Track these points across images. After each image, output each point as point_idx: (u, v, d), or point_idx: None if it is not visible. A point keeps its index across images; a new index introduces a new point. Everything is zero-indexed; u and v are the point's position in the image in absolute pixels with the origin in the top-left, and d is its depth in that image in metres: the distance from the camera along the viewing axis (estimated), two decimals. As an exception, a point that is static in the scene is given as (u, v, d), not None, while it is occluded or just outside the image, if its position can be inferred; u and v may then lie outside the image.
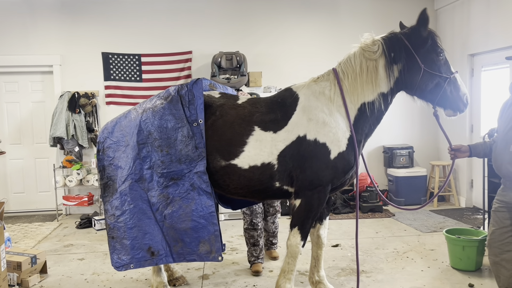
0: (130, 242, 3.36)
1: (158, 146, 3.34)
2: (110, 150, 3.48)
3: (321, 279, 3.73)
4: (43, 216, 7.16)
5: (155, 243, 3.36)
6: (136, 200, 3.36)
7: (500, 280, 3.21)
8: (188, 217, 3.29)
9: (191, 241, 3.32)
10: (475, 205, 6.95)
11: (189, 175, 3.31)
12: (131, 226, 3.35)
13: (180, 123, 3.32)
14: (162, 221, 3.36)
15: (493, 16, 6.21)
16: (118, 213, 3.38)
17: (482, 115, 6.69)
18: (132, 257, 3.37)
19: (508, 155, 3.03)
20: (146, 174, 3.35)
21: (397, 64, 3.25)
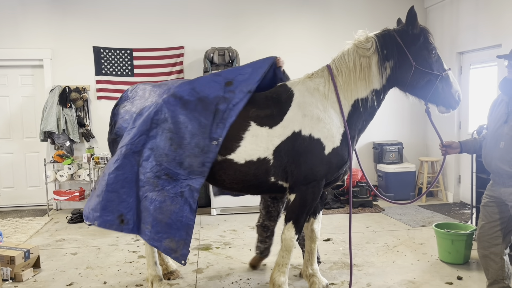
0: (104, 203, 3.35)
1: (169, 139, 3.32)
2: (125, 109, 3.62)
3: (314, 272, 3.80)
4: (34, 211, 7.12)
5: (128, 213, 3.35)
6: (126, 168, 3.35)
7: (489, 272, 3.31)
8: (167, 213, 3.28)
9: (160, 231, 3.28)
10: (462, 200, 7.09)
11: (183, 183, 3.31)
12: (110, 190, 3.34)
13: (201, 134, 3.28)
14: (142, 197, 3.35)
15: (481, 15, 6.33)
16: (106, 171, 3.42)
17: (470, 112, 6.82)
18: (100, 216, 3.36)
19: (498, 152, 3.10)
20: (146, 152, 3.34)
21: (389, 61, 3.30)
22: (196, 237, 5.50)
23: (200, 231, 5.75)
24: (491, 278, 3.30)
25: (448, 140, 3.55)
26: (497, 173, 3.14)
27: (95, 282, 4.16)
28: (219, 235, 5.53)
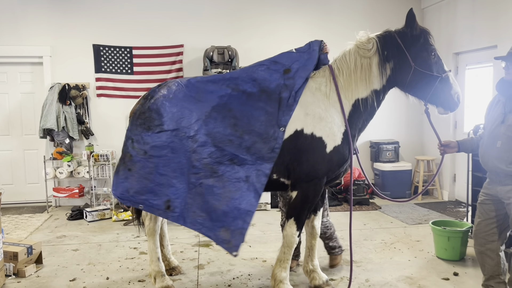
0: (153, 186, 3.28)
1: (234, 125, 3.30)
2: (169, 88, 3.46)
3: (314, 268, 3.87)
4: (33, 208, 7.14)
5: (175, 199, 3.28)
6: (180, 153, 3.29)
7: (485, 268, 3.40)
8: (225, 200, 3.21)
9: (216, 221, 3.22)
10: (457, 199, 7.20)
11: (249, 168, 3.26)
12: (161, 173, 3.28)
13: (269, 121, 3.29)
14: (194, 185, 3.27)
15: (478, 17, 6.43)
16: (152, 152, 3.30)
17: (465, 112, 6.93)
18: (146, 199, 3.30)
19: (495, 151, 3.18)
20: (201, 138, 3.29)
21: (389, 62, 3.35)
22: (196, 234, 5.56)
23: (199, 228, 5.81)
24: (487, 274, 3.39)
25: (448, 139, 3.62)
26: (494, 172, 3.23)
27: (98, 278, 4.22)
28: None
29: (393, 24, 4.14)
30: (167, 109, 3.37)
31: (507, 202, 3.16)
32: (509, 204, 3.14)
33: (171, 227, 5.78)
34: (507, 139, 3.09)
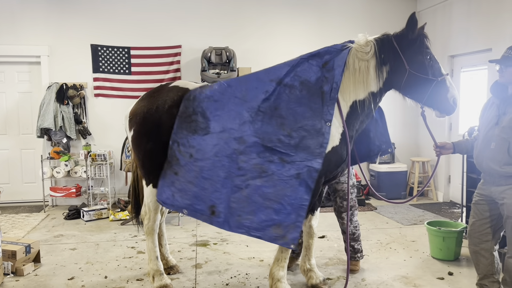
0: (197, 190, 3.27)
1: (281, 124, 3.28)
2: (213, 89, 3.41)
3: (312, 267, 3.92)
4: (29, 207, 7.14)
5: (219, 204, 3.25)
6: (225, 155, 3.27)
7: (479, 268, 3.46)
8: (277, 198, 3.20)
9: (266, 219, 3.20)
10: (452, 200, 7.28)
11: (299, 165, 3.23)
12: (206, 177, 3.27)
13: (314, 117, 3.27)
14: (239, 188, 3.24)
15: (473, 20, 6.51)
16: (198, 156, 3.29)
17: (460, 114, 7.00)
18: (191, 204, 3.30)
19: (489, 152, 3.23)
20: (250, 139, 3.26)
21: (385, 65, 3.37)
22: (193, 233, 5.60)
23: (197, 228, 5.85)
24: (481, 273, 3.45)
25: (443, 141, 3.67)
26: (488, 173, 3.28)
27: (96, 276, 4.24)
28: (216, 232, 5.63)
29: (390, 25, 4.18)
30: (213, 111, 3.35)
31: (500, 203, 3.22)
32: (502, 205, 3.20)
33: (169, 226, 5.82)
34: (501, 140, 3.14)
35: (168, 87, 3.76)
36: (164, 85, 3.84)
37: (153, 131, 3.61)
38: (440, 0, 7.24)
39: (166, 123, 3.56)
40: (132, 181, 4.26)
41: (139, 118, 3.67)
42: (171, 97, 3.61)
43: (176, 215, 6.27)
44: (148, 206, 3.83)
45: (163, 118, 3.57)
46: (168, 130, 3.56)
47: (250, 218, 3.22)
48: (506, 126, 3.12)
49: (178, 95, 3.61)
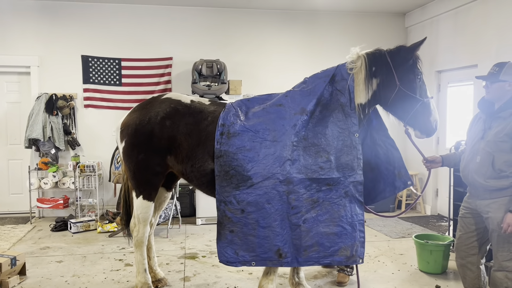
0: (259, 240, 3.29)
1: (317, 152, 3.31)
2: (241, 138, 3.36)
3: (300, 280, 3.92)
4: (15, 218, 7.04)
5: (284, 246, 3.29)
6: (276, 200, 3.28)
7: (466, 281, 3.49)
8: (334, 222, 3.27)
9: (332, 245, 3.28)
10: (439, 213, 7.35)
11: (345, 182, 3.29)
12: (264, 226, 3.29)
13: (343, 132, 3.32)
14: (297, 225, 3.28)
15: (459, 37, 6.65)
16: (250, 209, 3.29)
17: (447, 128, 7.11)
18: (257, 255, 3.32)
19: (474, 165, 3.29)
20: (295, 177, 3.27)
21: (376, 78, 3.42)
22: (182, 246, 5.57)
23: (185, 240, 5.81)
24: (468, 287, 3.48)
25: (432, 155, 3.72)
26: (473, 186, 3.34)
27: (83, 290, 4.19)
28: (205, 244, 5.60)
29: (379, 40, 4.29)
30: (249, 162, 3.32)
31: (485, 216, 3.26)
32: (487, 218, 3.25)
33: (157, 239, 5.78)
34: (486, 154, 3.20)
35: (160, 99, 3.79)
36: (157, 97, 3.86)
37: (145, 142, 3.62)
38: (427, 16, 7.40)
39: (158, 134, 3.57)
40: (123, 192, 4.24)
41: (131, 129, 3.68)
42: (163, 109, 3.63)
43: (165, 227, 6.23)
44: (138, 218, 3.82)
45: (155, 130, 3.58)
46: (160, 142, 3.58)
47: (315, 249, 3.28)
48: (491, 140, 3.18)
49: (171, 107, 3.63)
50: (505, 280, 3.19)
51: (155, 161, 3.64)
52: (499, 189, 3.14)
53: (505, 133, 3.10)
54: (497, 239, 3.21)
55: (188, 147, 3.53)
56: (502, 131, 3.12)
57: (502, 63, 3.23)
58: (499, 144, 3.12)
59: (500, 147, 3.12)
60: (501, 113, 3.18)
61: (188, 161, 3.54)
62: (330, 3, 7.27)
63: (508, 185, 3.11)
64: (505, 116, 3.15)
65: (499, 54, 5.78)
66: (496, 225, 3.17)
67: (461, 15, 6.60)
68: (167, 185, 4.10)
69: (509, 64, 3.20)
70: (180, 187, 6.78)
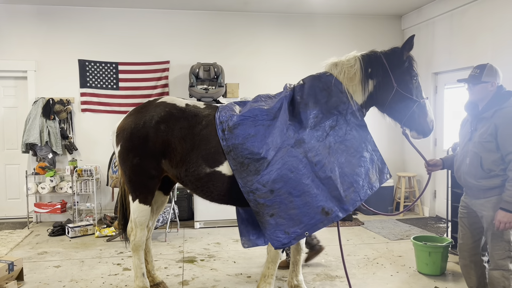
0: (301, 210, 3.26)
1: (308, 108, 3.39)
2: (243, 127, 3.40)
3: (299, 283, 3.92)
4: (13, 223, 7.01)
5: (326, 203, 3.27)
6: (296, 165, 3.27)
7: (471, 281, 3.51)
8: (353, 156, 3.32)
9: (361, 178, 3.31)
10: (437, 215, 7.35)
11: (343, 117, 3.38)
12: (298, 194, 3.26)
13: (327, 90, 3.42)
14: (327, 178, 3.28)
15: (455, 38, 6.68)
16: (278, 186, 3.26)
17: (445, 129, 7.13)
18: (305, 224, 3.27)
19: (465, 167, 3.34)
20: (302, 136, 3.33)
21: (372, 79, 3.44)
22: (180, 250, 5.56)
23: (184, 244, 5.80)
24: (473, 286, 3.50)
25: (433, 159, 3.73)
26: (467, 186, 3.39)
27: (81, 295, 4.17)
28: (203, 248, 5.59)
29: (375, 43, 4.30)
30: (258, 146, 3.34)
31: (480, 215, 3.31)
32: (482, 217, 3.29)
33: (155, 243, 5.76)
34: (474, 155, 3.26)
35: (155, 103, 3.79)
36: (152, 101, 3.86)
37: (140, 146, 3.61)
38: (423, 19, 7.43)
39: (153, 138, 3.57)
40: (120, 196, 4.23)
41: (126, 133, 3.68)
42: (158, 113, 3.63)
43: (163, 231, 6.21)
44: (135, 222, 3.81)
45: (150, 134, 3.58)
46: (155, 146, 3.58)
47: (352, 189, 3.30)
48: (477, 141, 3.24)
49: (165, 111, 3.63)
50: (502, 279, 3.20)
51: (151, 165, 3.63)
52: (491, 188, 3.19)
53: (489, 133, 3.15)
54: (492, 237, 3.24)
55: (182, 151, 3.52)
56: (486, 131, 3.18)
57: (483, 65, 3.30)
58: (484, 145, 3.18)
59: (486, 147, 3.18)
60: (484, 113, 3.24)
61: (183, 165, 3.53)
62: (327, 6, 7.29)
63: (499, 184, 3.16)
64: (488, 116, 3.21)
65: (494, 56, 5.81)
66: (490, 224, 3.21)
67: (457, 17, 6.63)
68: (165, 188, 4.10)
69: (489, 65, 3.27)
70: (178, 191, 6.77)
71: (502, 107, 3.17)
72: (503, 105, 3.17)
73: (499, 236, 3.19)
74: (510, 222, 3.06)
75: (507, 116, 3.11)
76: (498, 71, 3.28)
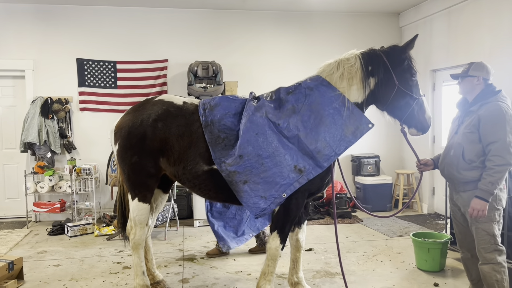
0: (273, 171, 3.27)
1: None
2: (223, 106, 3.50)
3: (299, 280, 3.93)
4: (12, 223, 7.00)
5: (297, 161, 3.28)
6: (260, 127, 3.33)
7: (471, 274, 3.56)
8: (317, 113, 3.34)
9: (334, 133, 3.32)
10: (436, 211, 7.37)
11: (300, 85, 3.47)
12: (267, 155, 3.28)
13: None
14: (294, 136, 3.31)
15: (453, 36, 6.69)
16: (246, 150, 3.30)
17: (443, 127, 7.14)
18: (280, 185, 3.27)
19: (448, 158, 3.42)
20: (261, 101, 3.45)
21: (374, 77, 3.44)
22: (180, 248, 5.56)
23: (183, 242, 5.80)
24: (475, 279, 3.55)
25: (424, 158, 3.78)
26: (449, 179, 3.49)
27: (81, 293, 4.18)
28: (203, 246, 5.60)
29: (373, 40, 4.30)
30: (236, 124, 3.47)
31: (463, 211, 3.39)
32: (465, 213, 3.36)
33: (155, 241, 5.77)
34: (458, 146, 3.35)
35: (153, 101, 3.79)
36: (149, 99, 3.86)
37: (138, 145, 3.61)
38: (421, 16, 7.43)
39: (151, 137, 3.57)
40: (119, 195, 4.23)
41: (124, 132, 3.68)
42: (155, 111, 3.64)
43: (162, 229, 6.22)
44: (134, 220, 3.81)
45: (147, 132, 3.59)
46: (153, 144, 3.58)
47: (324, 145, 3.29)
48: (461, 133, 3.35)
49: (163, 109, 3.64)
50: (494, 273, 3.23)
51: (149, 163, 3.64)
52: (471, 181, 3.27)
53: (472, 124, 3.26)
54: (476, 232, 3.30)
55: (180, 149, 3.53)
56: (470, 123, 3.28)
57: (473, 62, 3.42)
58: (468, 135, 3.28)
59: (469, 138, 3.27)
60: (471, 107, 3.36)
61: (180, 163, 3.53)
62: (325, 3, 7.29)
63: (478, 177, 3.23)
64: (475, 109, 3.32)
65: (492, 52, 5.82)
66: (473, 218, 3.25)
67: (455, 14, 6.64)
68: (164, 187, 4.10)
69: (479, 62, 3.39)
70: (177, 189, 6.77)
71: (488, 101, 3.28)
72: (489, 100, 3.28)
73: (483, 230, 3.25)
74: (483, 210, 3.15)
75: (491, 109, 3.22)
76: (488, 69, 3.38)
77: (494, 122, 3.17)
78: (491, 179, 3.14)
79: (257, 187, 3.30)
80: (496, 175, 3.14)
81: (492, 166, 3.14)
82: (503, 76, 5.33)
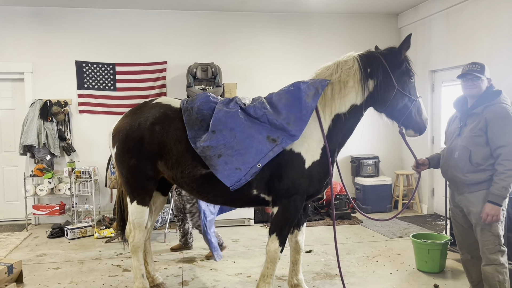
0: (245, 143, 3.33)
1: None
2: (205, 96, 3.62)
3: (299, 282, 3.92)
4: (11, 226, 7.00)
5: (270, 131, 3.36)
6: (232, 110, 3.45)
7: (472, 276, 3.55)
8: (281, 96, 3.48)
9: (298, 106, 3.37)
10: (436, 212, 7.37)
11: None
12: (240, 130, 3.38)
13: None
14: (263, 115, 3.40)
15: (451, 36, 6.69)
16: (219, 127, 3.39)
17: (442, 127, 7.13)
18: (254, 155, 3.30)
19: (452, 161, 3.41)
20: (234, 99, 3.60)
21: (372, 79, 3.44)
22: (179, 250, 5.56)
23: (183, 244, 5.80)
24: (475, 281, 3.54)
25: (420, 158, 3.78)
26: (452, 181, 3.47)
27: (80, 296, 4.17)
28: (202, 248, 5.58)
29: (371, 42, 4.30)
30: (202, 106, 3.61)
31: (467, 212, 3.36)
32: (469, 213, 3.35)
33: (154, 243, 5.76)
34: (463, 149, 3.33)
35: (150, 104, 3.78)
36: (147, 102, 3.85)
37: (136, 148, 3.60)
38: (420, 17, 7.44)
39: (148, 140, 3.56)
40: (118, 197, 4.23)
41: (122, 135, 3.67)
42: (153, 114, 3.63)
43: (162, 232, 6.21)
44: (133, 223, 3.80)
45: (145, 135, 3.58)
46: (150, 147, 3.57)
47: (294, 115, 3.37)
48: (467, 136, 3.32)
49: (160, 112, 3.63)
50: (496, 274, 3.23)
51: (147, 166, 3.63)
52: (477, 183, 3.26)
53: (479, 128, 3.24)
54: (481, 232, 3.28)
55: (177, 153, 3.51)
56: (477, 126, 3.26)
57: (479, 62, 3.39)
58: (474, 139, 3.26)
59: (475, 141, 3.25)
60: (475, 109, 3.33)
61: (178, 166, 3.52)
62: (323, 5, 7.29)
63: (485, 179, 3.23)
64: (479, 112, 3.29)
65: (491, 53, 5.82)
66: (478, 219, 3.25)
67: (453, 15, 6.64)
68: (163, 189, 4.10)
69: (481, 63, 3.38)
70: (177, 191, 6.76)
71: (492, 103, 3.26)
72: (493, 101, 3.26)
73: (489, 231, 3.24)
74: (497, 215, 3.15)
75: (497, 111, 3.21)
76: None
77: (501, 125, 3.16)
78: (504, 184, 3.13)
79: (231, 159, 3.32)
80: (508, 180, 3.13)
81: (503, 171, 3.13)
82: (503, 77, 5.33)
